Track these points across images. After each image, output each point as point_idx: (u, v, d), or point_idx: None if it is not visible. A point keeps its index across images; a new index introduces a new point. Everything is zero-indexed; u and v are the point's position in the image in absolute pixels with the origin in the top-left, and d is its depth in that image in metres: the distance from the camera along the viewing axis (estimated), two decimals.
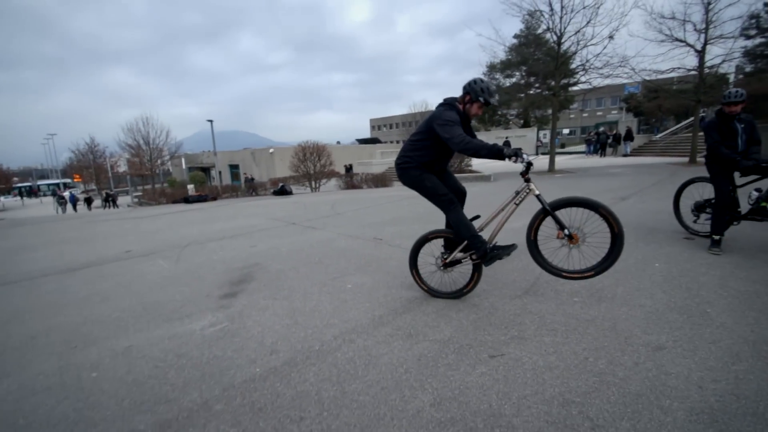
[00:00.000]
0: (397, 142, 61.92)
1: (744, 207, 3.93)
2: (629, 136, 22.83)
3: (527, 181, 2.63)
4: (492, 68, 32.67)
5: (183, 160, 44.84)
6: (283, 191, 15.92)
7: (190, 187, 21.45)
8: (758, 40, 31.19)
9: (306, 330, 2.67)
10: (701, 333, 2.29)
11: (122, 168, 40.86)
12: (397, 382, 2.01)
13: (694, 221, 4.40)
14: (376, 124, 76.43)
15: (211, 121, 27.64)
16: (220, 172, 37.19)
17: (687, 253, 3.83)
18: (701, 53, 13.58)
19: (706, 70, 14.23)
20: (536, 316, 2.66)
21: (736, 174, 3.88)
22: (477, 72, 21.86)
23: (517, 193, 2.73)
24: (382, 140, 60.07)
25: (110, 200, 26.27)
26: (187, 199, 15.34)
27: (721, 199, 3.82)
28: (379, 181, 16.38)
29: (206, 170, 42.07)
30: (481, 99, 2.76)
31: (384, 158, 34.49)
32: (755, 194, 3.83)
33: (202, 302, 3.37)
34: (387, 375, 2.08)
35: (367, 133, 75.44)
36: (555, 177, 13.29)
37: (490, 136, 36.82)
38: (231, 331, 2.75)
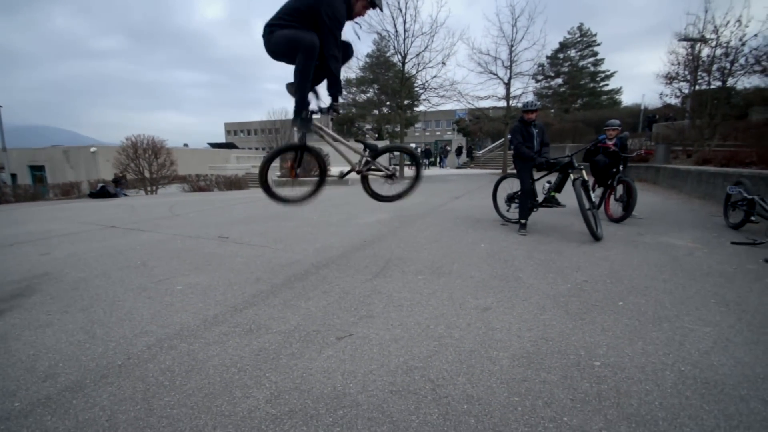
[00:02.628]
0: (256, 149, 58.46)
1: (541, 197, 4.90)
2: (460, 152, 26.87)
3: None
4: (348, 82, 34.11)
5: None
6: (104, 193, 12.87)
7: None
8: (543, 84, 41.12)
9: (107, 344, 2.05)
10: (517, 293, 2.66)
11: None
12: (226, 385, 1.67)
13: (507, 210, 5.28)
14: (232, 129, 70.63)
15: None
16: (14, 175, 28.10)
17: (503, 235, 4.54)
18: (507, 85, 16.98)
19: (512, 101, 17.87)
20: (384, 295, 2.67)
21: (534, 170, 4.82)
22: None
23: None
24: (238, 146, 55.73)
25: None
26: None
27: (524, 189, 4.67)
28: (232, 184, 14.95)
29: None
30: None
31: (241, 162, 31.99)
32: (547, 186, 4.82)
33: None
34: (215, 379, 1.72)
35: (221, 138, 68.81)
36: (404, 182, 14.50)
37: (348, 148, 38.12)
38: None
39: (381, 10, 2.76)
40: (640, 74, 78.17)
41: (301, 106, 2.67)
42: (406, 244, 4.13)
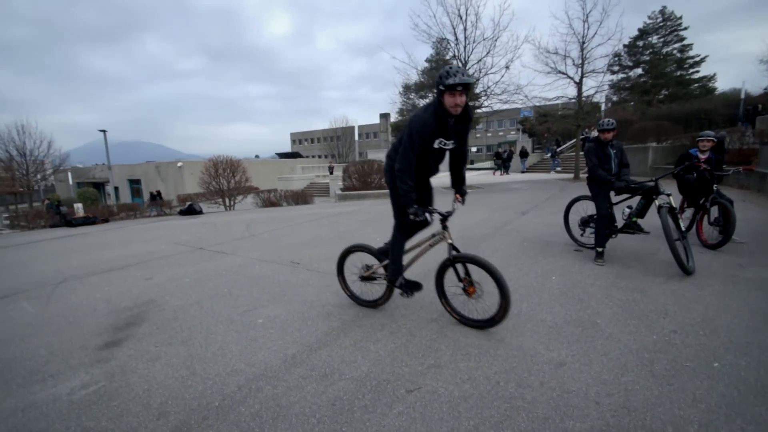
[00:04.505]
0: (319, 156, 61.33)
1: (620, 222, 4.54)
2: (525, 154, 25.57)
3: (445, 228, 2.77)
4: (407, 89, 34.35)
5: (70, 175, 38.63)
6: (191, 210, 14.49)
7: (78, 206, 18.44)
8: (620, 75, 37.60)
9: (205, 382, 2.33)
10: (594, 345, 2.50)
11: None
12: None
13: (581, 235, 4.96)
14: (297, 138, 74.88)
15: (104, 131, 24.38)
16: (117, 188, 32.80)
17: (578, 264, 4.28)
18: (579, 84, 15.85)
19: (584, 99, 16.66)
20: (451, 340, 2.68)
21: (612, 193, 4.48)
22: (394, 91, 22.58)
23: (434, 236, 2.89)
24: (303, 155, 58.90)
25: None
26: (71, 222, 13.11)
27: (600, 214, 4.36)
28: (299, 198, 15.87)
29: (100, 186, 36.85)
30: (442, 87, 2.36)
31: (305, 173, 33.80)
32: (627, 210, 4.45)
33: (75, 356, 2.79)
34: (297, 429, 1.88)
35: (288, 147, 73.39)
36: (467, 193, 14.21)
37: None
38: (109, 392, 2.28)
39: (467, 81, 2.35)
40: (738, 54, 68.16)
41: (406, 204, 2.63)
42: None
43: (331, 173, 30.83)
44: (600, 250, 4.33)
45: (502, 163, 25.25)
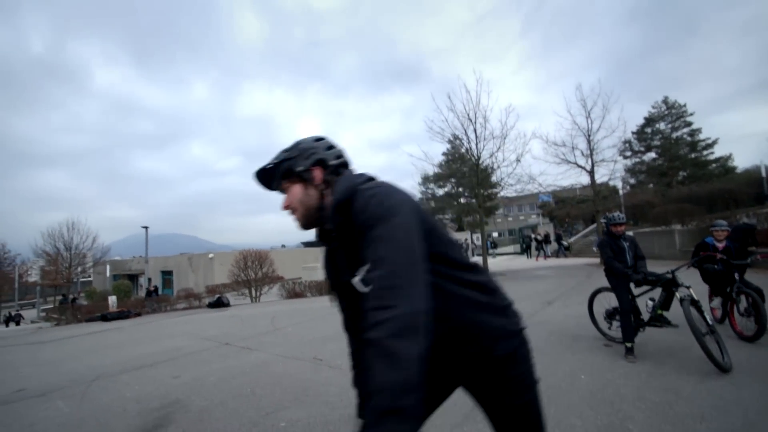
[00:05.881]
0: None
1: (646, 315, 4.45)
2: (548, 240, 25.42)
3: None
4: (426, 180, 36.26)
5: (108, 267, 40.80)
6: (219, 303, 14.88)
7: (112, 299, 19.21)
8: (634, 160, 38.45)
9: None
10: None
11: (33, 278, 36.17)
12: None
13: (609, 328, 4.83)
14: None
15: (146, 227, 26.40)
16: (150, 279, 34.15)
17: (608, 361, 4.12)
18: (591, 173, 16.43)
19: (599, 185, 17.08)
20: None
21: (632, 284, 4.47)
22: (413, 182, 23.88)
23: None
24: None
25: (13, 320, 22.54)
26: (105, 317, 13.62)
27: (623, 308, 4.32)
28: (323, 289, 16.04)
29: (134, 278, 38.46)
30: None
31: None
32: (651, 303, 4.40)
33: None
34: None
35: (312, 236, 75.67)
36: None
37: None
38: None
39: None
40: (753, 133, 69.38)
41: None
42: None
43: None
44: (629, 345, 4.19)
45: (541, 246, 24.85)
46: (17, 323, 23.15)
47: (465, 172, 21.39)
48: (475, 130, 15.91)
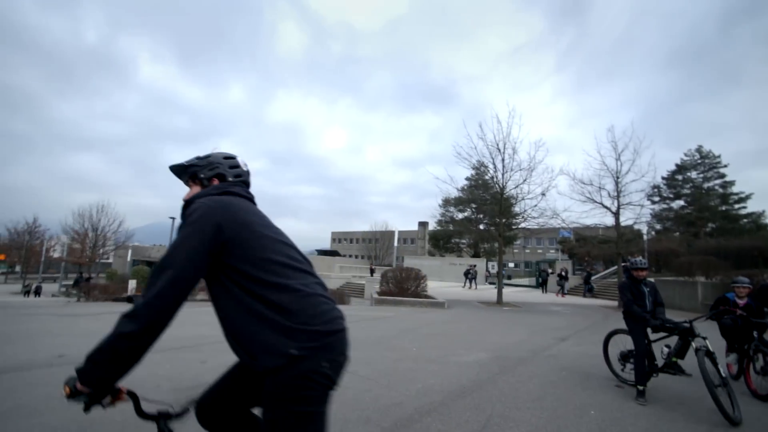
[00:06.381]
0: (356, 257, 63.13)
1: (660, 361, 4.53)
2: (566, 277, 25.04)
3: None
4: (447, 202, 36.43)
5: (129, 252, 42.27)
6: None
7: (132, 283, 19.98)
8: (662, 206, 37.60)
9: None
10: None
11: (57, 253, 37.76)
12: None
13: (622, 370, 4.91)
14: (338, 237, 78.40)
15: (173, 218, 27.44)
16: None
17: (617, 401, 4.22)
18: (616, 215, 16.33)
19: (623, 228, 16.92)
20: None
21: (649, 329, 4.57)
22: (434, 202, 23.99)
23: None
24: (341, 254, 60.99)
25: (35, 292, 23.63)
26: (131, 299, 14.24)
27: (638, 351, 4.43)
28: (337, 297, 16.31)
29: (152, 265, 39.58)
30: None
31: (342, 272, 34.71)
32: (666, 350, 4.49)
33: (144, 428, 3.16)
34: None
35: (325, 244, 76.57)
36: (503, 310, 14.04)
37: (444, 262, 38.71)
38: None
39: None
40: None
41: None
42: (507, 398, 4.14)
43: (372, 275, 31.47)
44: (641, 388, 4.29)
45: (563, 282, 24.36)
46: (38, 294, 24.19)
47: (487, 199, 21.55)
48: (503, 160, 16.13)
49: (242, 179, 1.59)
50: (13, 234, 42.09)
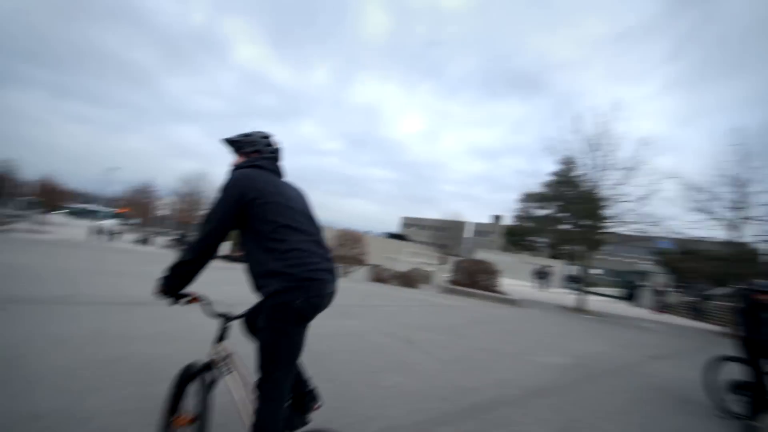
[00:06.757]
0: (425, 244, 63.16)
1: None
2: (662, 293, 22.36)
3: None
4: (528, 197, 34.27)
5: None
6: None
7: (227, 243, 22.48)
8: None
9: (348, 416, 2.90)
10: None
11: (164, 212, 43.88)
12: None
13: (727, 400, 4.38)
14: (409, 223, 78.97)
15: None
16: None
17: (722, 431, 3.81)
18: (734, 230, 14.04)
19: (740, 245, 14.51)
20: None
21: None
22: (511, 196, 22.95)
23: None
24: (410, 239, 61.43)
25: (147, 242, 27.85)
26: (228, 257, 16.10)
27: (751, 382, 3.92)
28: (406, 281, 16.67)
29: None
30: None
31: (411, 257, 35.05)
32: None
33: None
34: None
35: (393, 228, 77.56)
36: (585, 317, 13.11)
37: (517, 259, 36.80)
38: None
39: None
40: None
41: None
42: (590, 406, 3.97)
43: (439, 264, 31.35)
44: (751, 423, 3.81)
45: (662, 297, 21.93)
46: (150, 244, 28.43)
47: (575, 198, 19.90)
48: (599, 157, 14.77)
49: (275, 153, 2.06)
50: (133, 192, 49.89)
